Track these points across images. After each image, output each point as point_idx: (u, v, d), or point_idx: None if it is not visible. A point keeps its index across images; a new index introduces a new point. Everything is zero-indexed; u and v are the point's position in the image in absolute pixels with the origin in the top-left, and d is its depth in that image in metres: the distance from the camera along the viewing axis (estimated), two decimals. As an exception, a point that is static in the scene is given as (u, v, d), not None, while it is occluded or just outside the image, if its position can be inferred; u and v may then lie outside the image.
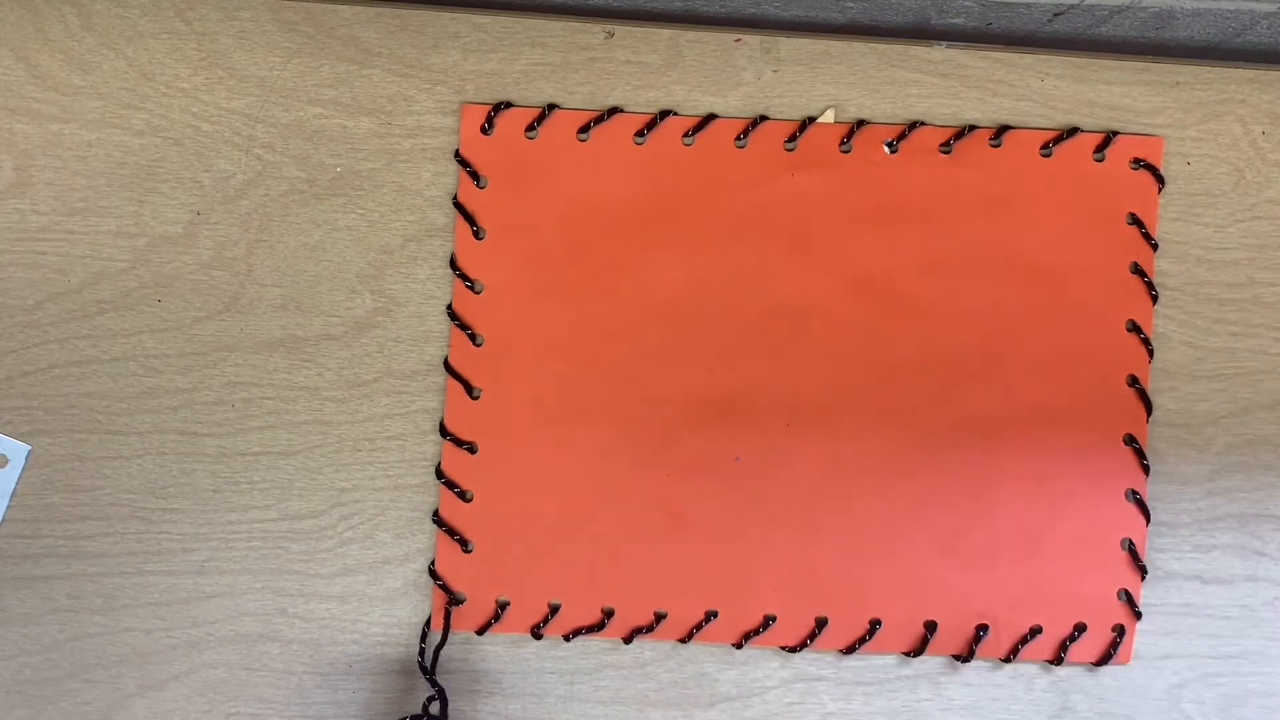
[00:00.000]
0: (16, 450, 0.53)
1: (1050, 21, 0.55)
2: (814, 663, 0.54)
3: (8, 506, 0.53)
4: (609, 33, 0.53)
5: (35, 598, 0.53)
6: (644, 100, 0.54)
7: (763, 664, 0.54)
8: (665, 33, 0.54)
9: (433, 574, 0.53)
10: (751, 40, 0.54)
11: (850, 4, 0.54)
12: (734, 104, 0.54)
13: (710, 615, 0.53)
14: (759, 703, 0.53)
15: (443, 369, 0.53)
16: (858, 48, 0.54)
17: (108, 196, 0.53)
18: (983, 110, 0.54)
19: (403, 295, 0.53)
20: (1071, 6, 0.53)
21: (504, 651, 0.53)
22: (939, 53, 0.54)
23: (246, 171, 0.53)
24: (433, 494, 0.53)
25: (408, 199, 0.53)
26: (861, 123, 0.53)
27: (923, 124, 0.54)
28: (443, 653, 0.53)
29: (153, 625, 0.53)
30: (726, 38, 0.54)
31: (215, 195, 0.53)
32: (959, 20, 0.55)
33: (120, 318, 0.53)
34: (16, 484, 0.53)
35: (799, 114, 0.54)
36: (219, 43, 0.53)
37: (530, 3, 0.55)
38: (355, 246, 0.53)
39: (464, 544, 0.53)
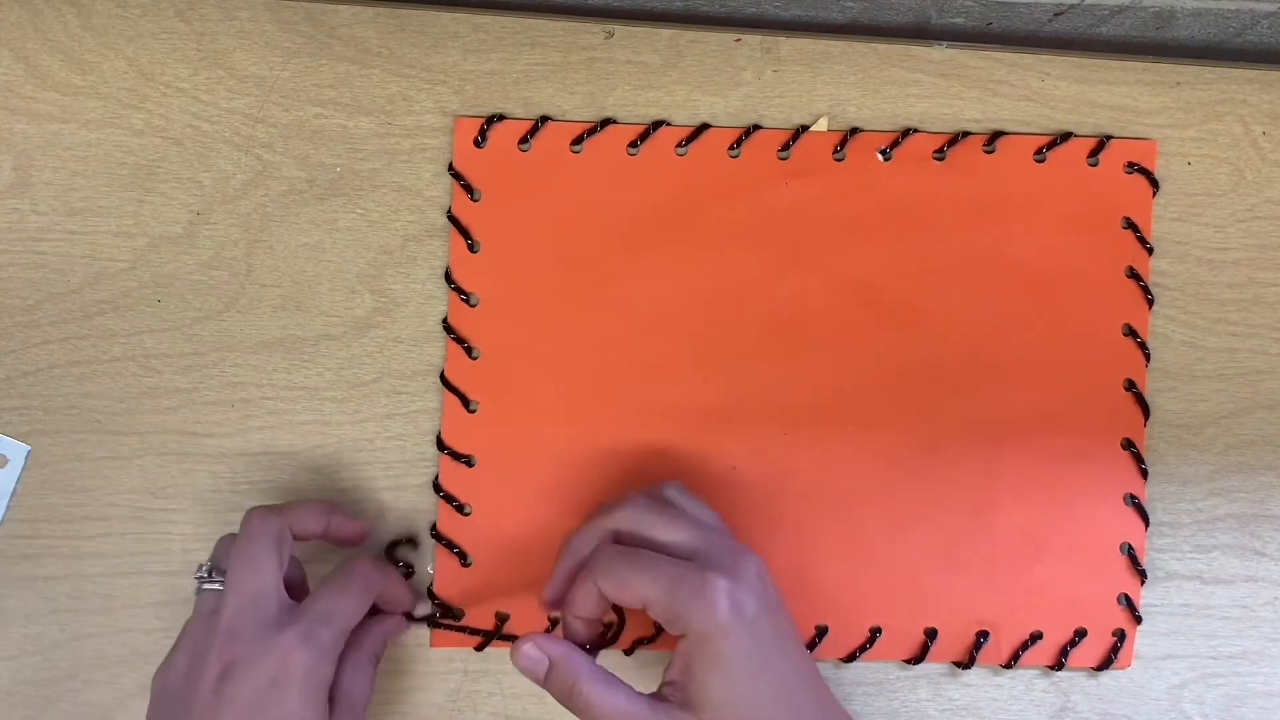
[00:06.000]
0: (16, 450, 0.53)
1: (1050, 21, 0.55)
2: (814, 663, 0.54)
3: (8, 506, 0.53)
4: (609, 33, 0.53)
5: (35, 598, 0.53)
6: (644, 100, 0.54)
7: (762, 664, 0.54)
8: (665, 33, 0.54)
9: (430, 595, 0.53)
10: (751, 40, 0.54)
11: (850, 4, 0.54)
12: (734, 104, 0.54)
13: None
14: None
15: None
16: (858, 48, 0.54)
17: (108, 196, 0.53)
18: (983, 110, 0.54)
19: (403, 295, 0.53)
20: (1071, 6, 0.53)
21: (504, 653, 0.53)
22: (939, 53, 0.54)
23: (246, 171, 0.53)
24: (433, 495, 0.53)
25: (408, 199, 0.53)
26: (855, 130, 0.53)
27: (916, 131, 0.54)
28: (443, 652, 0.53)
29: (153, 625, 0.53)
30: (726, 38, 0.54)
31: (215, 195, 0.53)
32: (959, 20, 0.55)
33: (120, 318, 0.53)
34: (16, 484, 0.53)
35: (799, 114, 0.54)
36: (219, 43, 0.53)
37: (530, 3, 0.55)
38: (355, 246, 0.53)
39: (463, 558, 0.53)
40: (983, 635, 0.53)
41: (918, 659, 0.53)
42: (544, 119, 0.53)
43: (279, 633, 0.45)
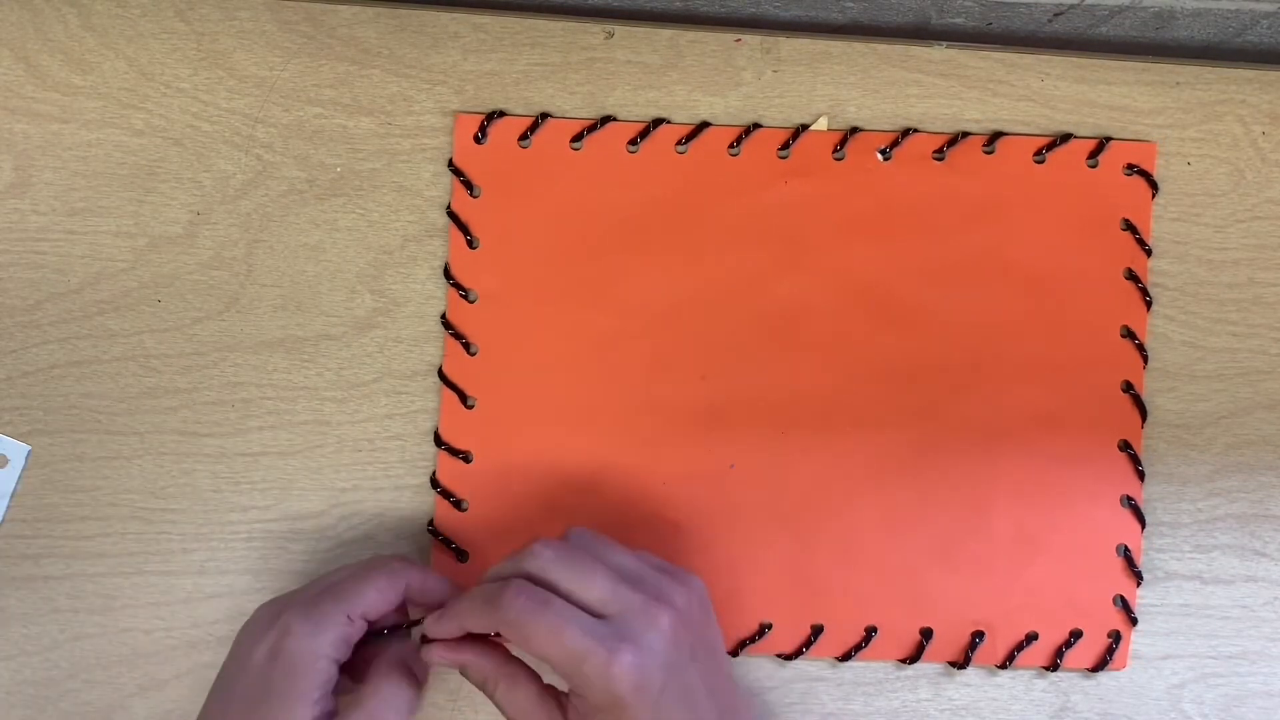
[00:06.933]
0: (16, 450, 0.53)
1: (1050, 21, 0.55)
2: (813, 663, 0.54)
3: (8, 506, 0.53)
4: (609, 33, 0.53)
5: (35, 598, 0.53)
6: (644, 100, 0.54)
7: (762, 665, 0.54)
8: (665, 33, 0.54)
9: None
10: (751, 40, 0.54)
11: (850, 4, 0.54)
12: (734, 104, 0.54)
13: (707, 621, 0.53)
14: (758, 704, 0.53)
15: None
16: (858, 48, 0.54)
17: (108, 196, 0.53)
18: (983, 110, 0.54)
19: (402, 295, 0.53)
20: (1071, 6, 0.53)
21: (504, 651, 0.53)
22: (939, 53, 0.54)
23: (246, 171, 0.53)
24: (432, 496, 0.53)
25: (407, 199, 0.53)
26: (854, 130, 0.53)
27: (916, 131, 0.53)
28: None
29: (153, 625, 0.53)
30: (726, 38, 0.54)
31: (215, 195, 0.53)
32: (959, 20, 0.55)
33: (120, 318, 0.53)
34: (16, 484, 0.53)
35: (799, 114, 0.54)
36: (219, 43, 0.53)
37: (530, 3, 0.55)
38: (355, 246, 0.53)
39: (459, 554, 0.53)
40: (978, 635, 0.53)
41: (913, 659, 0.53)
42: (544, 115, 0.53)
43: (286, 610, 0.45)
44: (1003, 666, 0.53)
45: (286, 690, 0.44)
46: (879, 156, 0.54)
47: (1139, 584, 0.54)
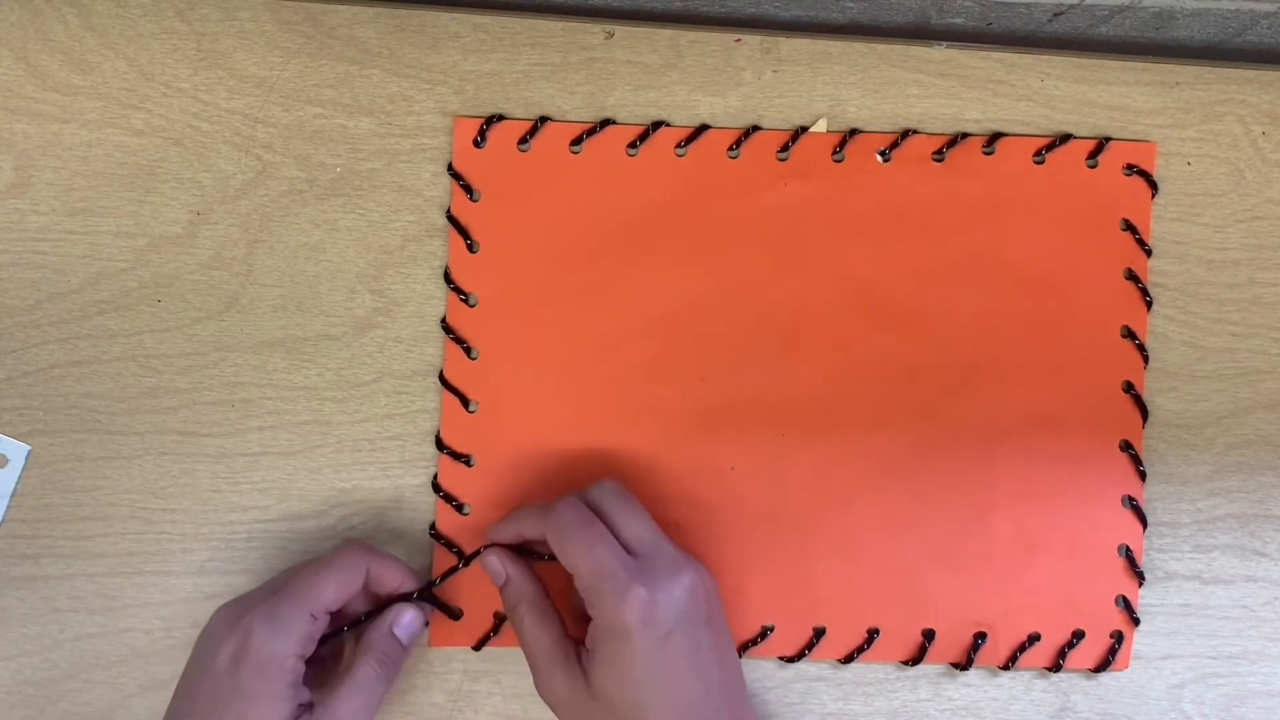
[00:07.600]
0: (16, 450, 0.53)
1: (1050, 21, 0.55)
2: (814, 664, 0.54)
3: (8, 506, 0.53)
4: (609, 33, 0.53)
5: (35, 598, 0.53)
6: (644, 100, 0.54)
7: (761, 665, 0.54)
8: (665, 33, 0.54)
9: (431, 592, 0.53)
10: (751, 40, 0.54)
11: (850, 4, 0.54)
12: (734, 104, 0.54)
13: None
14: (759, 704, 0.53)
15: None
16: (858, 48, 0.54)
17: (108, 196, 0.53)
18: (983, 110, 0.54)
19: (403, 295, 0.53)
20: (1071, 6, 0.53)
21: (504, 652, 0.53)
22: (939, 53, 0.54)
23: (246, 171, 0.53)
24: (432, 495, 0.53)
25: (408, 199, 0.53)
26: (854, 132, 0.53)
27: (915, 132, 0.54)
28: (443, 652, 0.53)
29: (153, 625, 0.53)
30: (726, 38, 0.54)
31: (215, 195, 0.53)
32: (959, 20, 0.55)
33: (120, 318, 0.53)
34: (16, 484, 0.53)
35: (799, 114, 0.54)
36: (219, 43, 0.53)
37: (530, 3, 0.55)
38: (355, 246, 0.53)
39: (462, 557, 0.53)
40: (980, 636, 0.53)
41: (915, 660, 0.53)
42: (543, 119, 0.53)
43: (247, 614, 0.46)
44: (1005, 668, 0.53)
45: (258, 691, 0.45)
46: (878, 158, 0.54)
47: (1141, 584, 0.54)
